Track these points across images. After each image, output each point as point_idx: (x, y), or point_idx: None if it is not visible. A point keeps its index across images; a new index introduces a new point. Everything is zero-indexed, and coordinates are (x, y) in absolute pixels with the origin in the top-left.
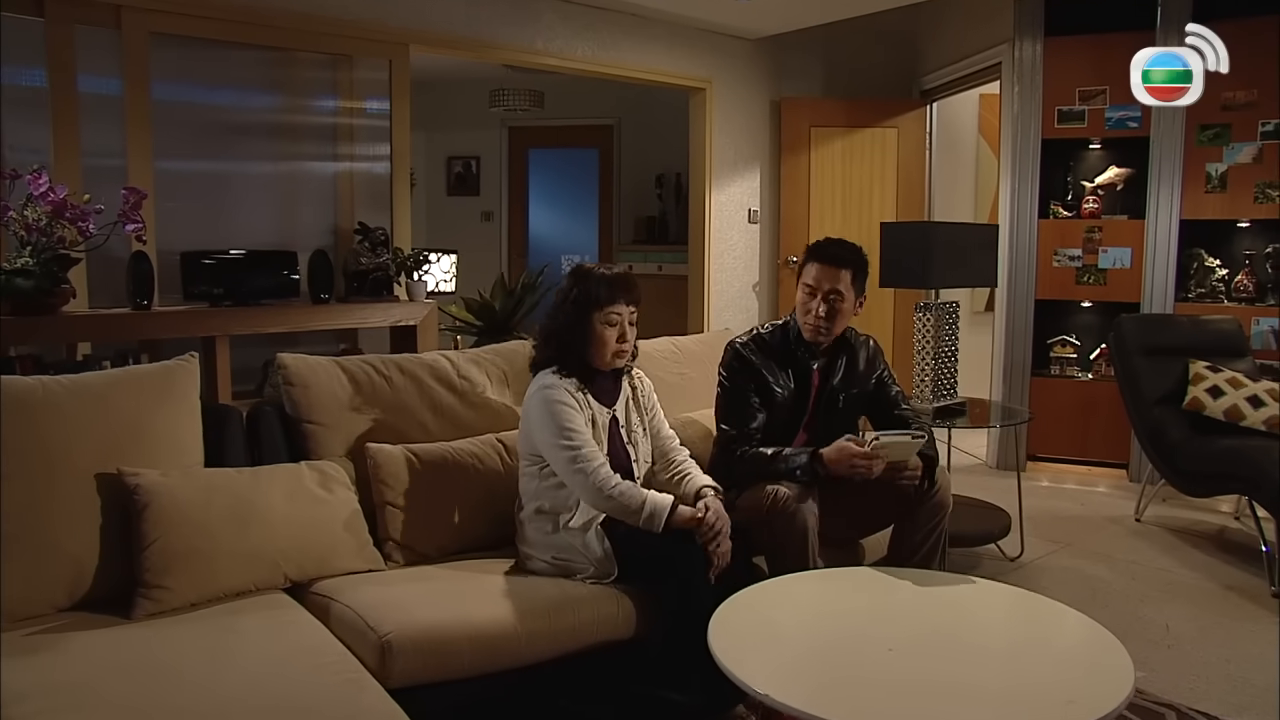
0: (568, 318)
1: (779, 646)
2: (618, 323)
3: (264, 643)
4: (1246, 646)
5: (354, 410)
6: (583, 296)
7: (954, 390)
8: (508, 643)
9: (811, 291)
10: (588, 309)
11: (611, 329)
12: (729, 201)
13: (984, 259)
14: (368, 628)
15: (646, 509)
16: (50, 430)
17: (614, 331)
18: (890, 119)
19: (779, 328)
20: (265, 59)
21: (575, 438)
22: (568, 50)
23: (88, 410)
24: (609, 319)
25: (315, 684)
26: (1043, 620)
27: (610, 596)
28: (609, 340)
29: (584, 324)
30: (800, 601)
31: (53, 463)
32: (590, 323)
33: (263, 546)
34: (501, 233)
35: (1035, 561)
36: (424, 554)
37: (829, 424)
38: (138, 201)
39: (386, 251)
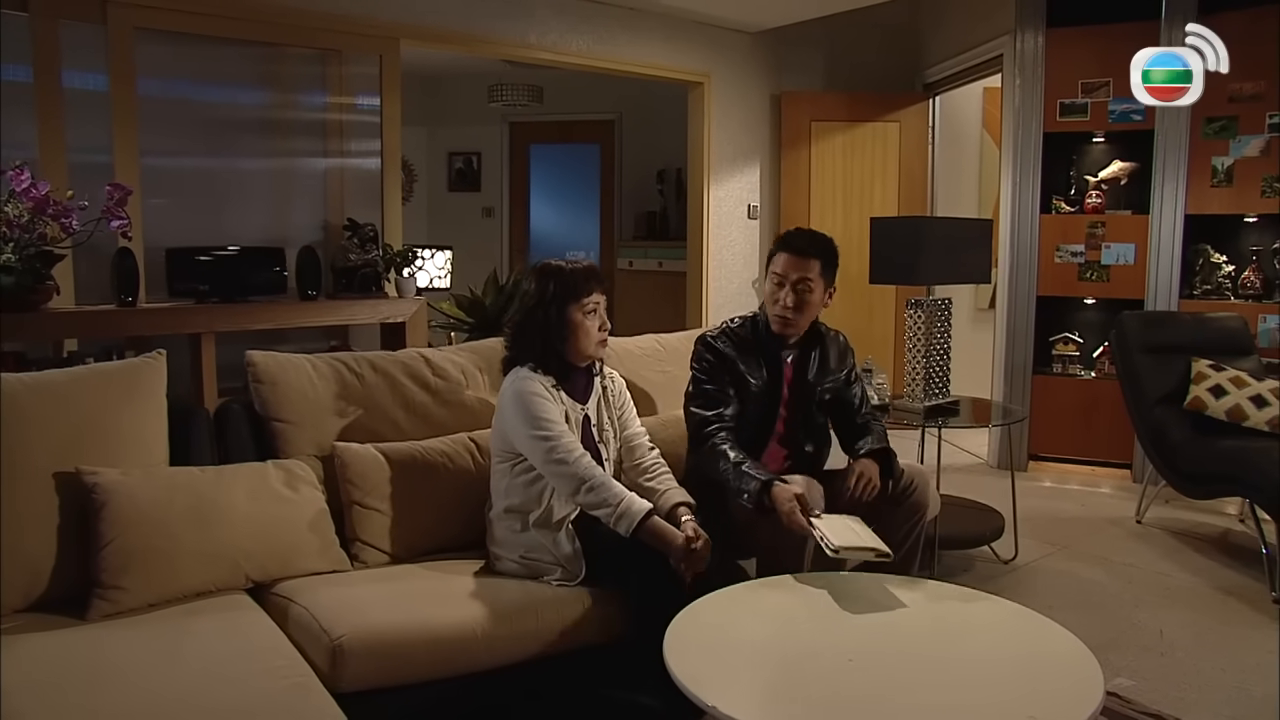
0: (547, 315)
1: (736, 656)
2: (596, 310)
3: (215, 645)
4: (1244, 654)
5: (324, 408)
6: (561, 291)
7: (946, 389)
8: (466, 646)
9: (780, 281)
10: (566, 303)
11: (593, 318)
12: (728, 197)
13: (977, 255)
14: (321, 630)
15: (621, 508)
16: (8, 428)
17: (595, 320)
18: (892, 113)
19: (748, 320)
20: (253, 54)
21: (552, 428)
22: (563, 44)
23: (48, 408)
24: (588, 309)
25: (260, 688)
26: (1012, 628)
27: (576, 599)
28: (591, 330)
29: (565, 318)
30: (762, 609)
31: (10, 462)
32: (572, 316)
33: (224, 547)
34: (502, 229)
35: (1030, 564)
36: (393, 554)
37: (805, 417)
38: (122, 198)
39: (376, 248)
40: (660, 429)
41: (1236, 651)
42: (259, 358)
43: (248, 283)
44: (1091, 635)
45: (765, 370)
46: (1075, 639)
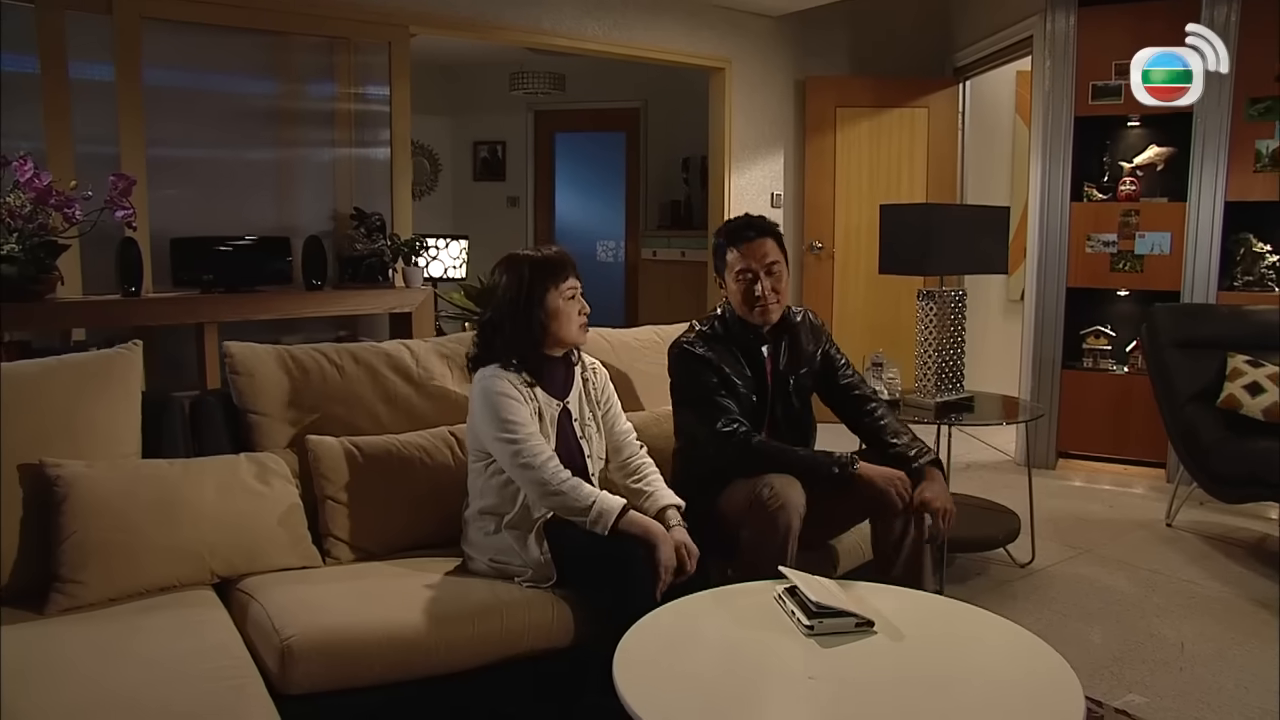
0: (527, 306)
1: (690, 671)
2: (575, 295)
3: (165, 643)
4: (1270, 671)
5: (301, 400)
6: (539, 278)
7: (960, 384)
8: (424, 649)
9: (751, 273)
10: (546, 290)
11: (574, 302)
12: (750, 185)
13: (992, 244)
14: (273, 630)
15: (594, 510)
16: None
17: (576, 304)
18: (920, 98)
19: (715, 319)
20: (261, 43)
21: (519, 430)
22: (578, 30)
23: (16, 399)
24: (568, 294)
25: (198, 690)
26: (989, 643)
27: (546, 602)
28: (574, 314)
29: (545, 307)
30: (727, 619)
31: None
32: (552, 303)
33: (189, 541)
34: (527, 218)
35: (1046, 569)
36: (367, 551)
37: (785, 410)
38: (126, 187)
39: (382, 237)
40: (654, 424)
41: (1263, 669)
42: (236, 349)
43: (252, 273)
44: (1105, 647)
45: (748, 369)
46: (1056, 655)
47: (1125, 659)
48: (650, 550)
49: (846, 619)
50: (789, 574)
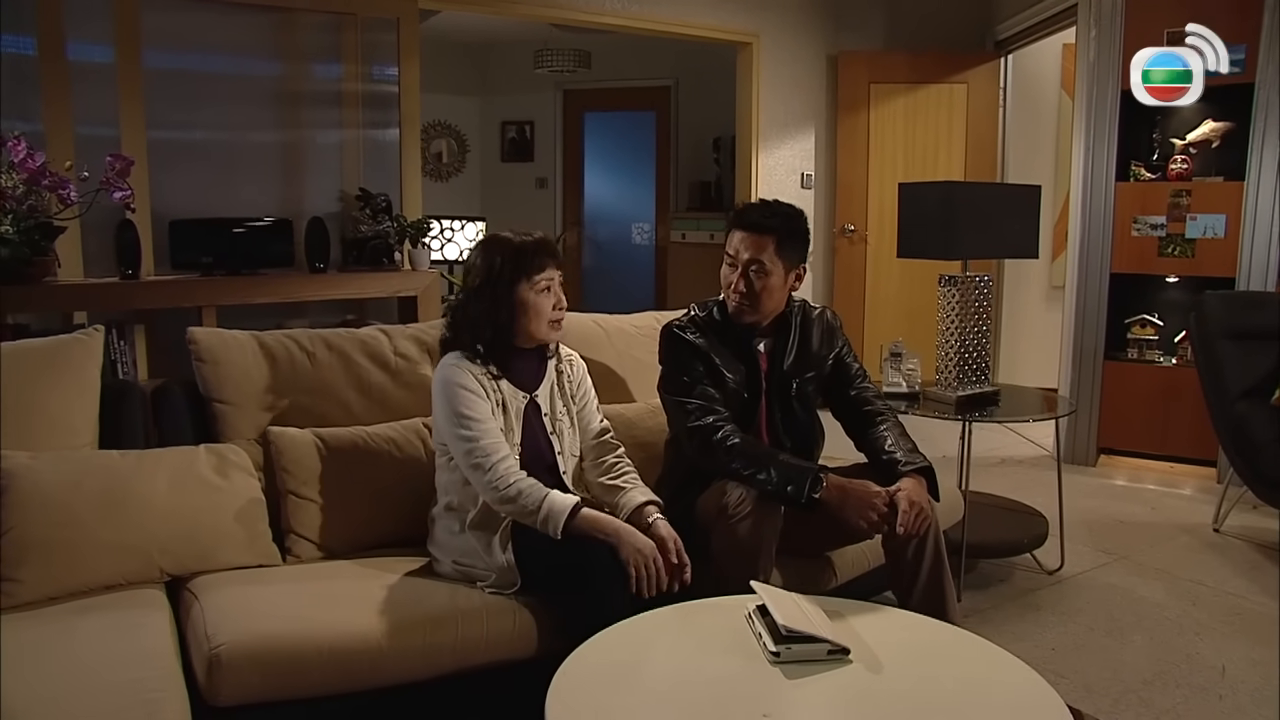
0: (495, 293)
1: (632, 703)
2: (550, 288)
3: (93, 648)
4: None
5: (268, 389)
6: (510, 268)
7: (985, 377)
8: (369, 659)
9: (731, 262)
10: (516, 280)
11: (547, 296)
12: (779, 165)
13: (1021, 226)
14: (205, 636)
15: (543, 511)
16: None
17: (549, 298)
18: (959, 73)
19: (714, 305)
20: (264, 21)
21: (474, 427)
22: (598, 4)
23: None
24: (540, 286)
25: (111, 703)
26: (978, 678)
27: (508, 610)
28: (545, 309)
29: (514, 298)
30: (681, 644)
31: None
32: (522, 295)
33: (137, 537)
34: (556, 200)
35: (1077, 576)
36: (328, 549)
37: (786, 413)
38: (124, 168)
39: (388, 218)
40: (649, 416)
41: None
42: (201, 334)
43: (253, 255)
44: (1135, 668)
45: (740, 361)
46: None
47: (1156, 683)
48: (614, 551)
49: (818, 645)
50: (760, 590)
